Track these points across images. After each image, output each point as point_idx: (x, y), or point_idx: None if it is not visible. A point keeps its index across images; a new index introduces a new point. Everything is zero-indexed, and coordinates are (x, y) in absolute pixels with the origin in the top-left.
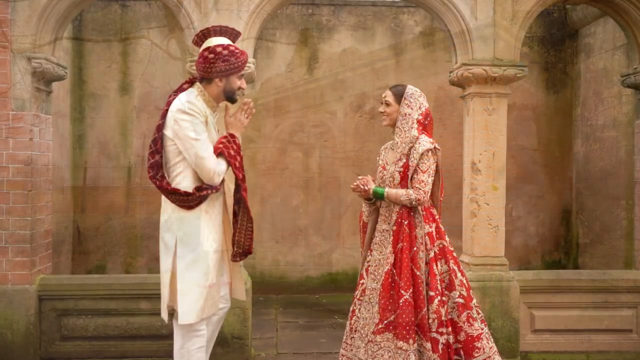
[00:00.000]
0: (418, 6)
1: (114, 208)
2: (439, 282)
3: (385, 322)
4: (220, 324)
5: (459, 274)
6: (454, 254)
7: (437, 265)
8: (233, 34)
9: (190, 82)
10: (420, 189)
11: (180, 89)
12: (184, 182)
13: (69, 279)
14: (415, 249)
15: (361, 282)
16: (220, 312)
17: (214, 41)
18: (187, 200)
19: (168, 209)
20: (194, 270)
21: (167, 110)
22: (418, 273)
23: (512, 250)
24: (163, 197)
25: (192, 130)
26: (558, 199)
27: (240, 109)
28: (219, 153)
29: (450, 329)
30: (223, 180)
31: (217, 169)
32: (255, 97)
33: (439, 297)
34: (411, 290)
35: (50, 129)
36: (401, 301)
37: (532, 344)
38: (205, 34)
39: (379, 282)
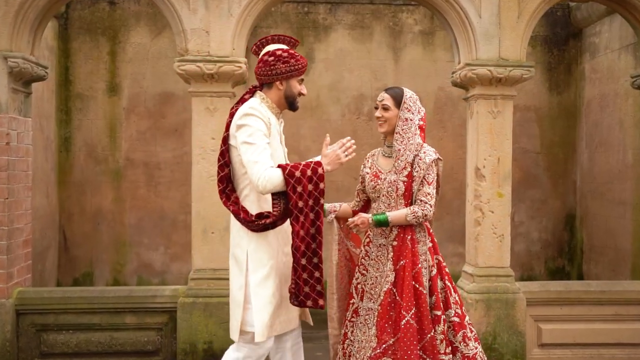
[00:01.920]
0: (419, 4)
1: (102, 213)
2: (441, 300)
3: (384, 346)
4: (300, 353)
5: (452, 291)
6: (447, 270)
7: (438, 283)
8: (291, 42)
9: (251, 92)
10: (426, 202)
11: (242, 100)
12: (251, 195)
13: (49, 292)
14: (419, 266)
15: (351, 301)
16: (293, 335)
17: (272, 47)
18: (248, 226)
19: (237, 224)
20: (266, 287)
21: (231, 122)
22: (425, 292)
23: (515, 257)
24: None
25: (249, 135)
26: (562, 204)
27: (342, 143)
28: (279, 166)
29: (450, 348)
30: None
31: (265, 176)
32: None
33: (443, 317)
34: (413, 310)
35: (29, 132)
36: (402, 323)
37: (538, 358)
38: (263, 43)
39: (376, 302)
